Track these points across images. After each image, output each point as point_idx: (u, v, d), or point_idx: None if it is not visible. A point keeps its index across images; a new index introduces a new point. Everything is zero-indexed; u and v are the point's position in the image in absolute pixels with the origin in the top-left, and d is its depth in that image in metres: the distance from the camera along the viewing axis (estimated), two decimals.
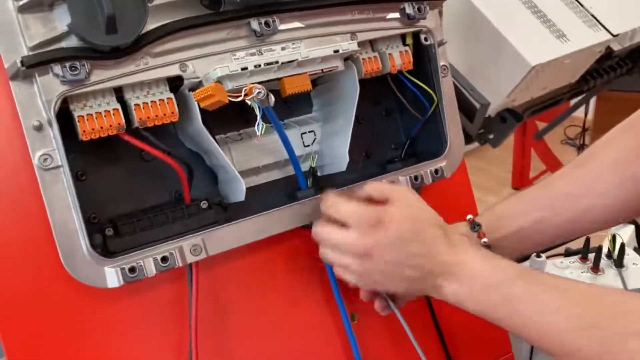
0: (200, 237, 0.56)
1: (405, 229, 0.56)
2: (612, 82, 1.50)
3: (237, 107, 0.54)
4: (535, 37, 1.23)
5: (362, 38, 0.61)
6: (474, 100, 1.47)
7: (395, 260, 0.56)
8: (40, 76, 0.48)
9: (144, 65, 0.52)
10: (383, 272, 0.57)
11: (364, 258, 0.56)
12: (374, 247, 0.55)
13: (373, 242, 0.55)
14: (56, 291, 0.54)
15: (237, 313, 0.63)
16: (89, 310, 0.56)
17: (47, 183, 0.50)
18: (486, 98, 1.43)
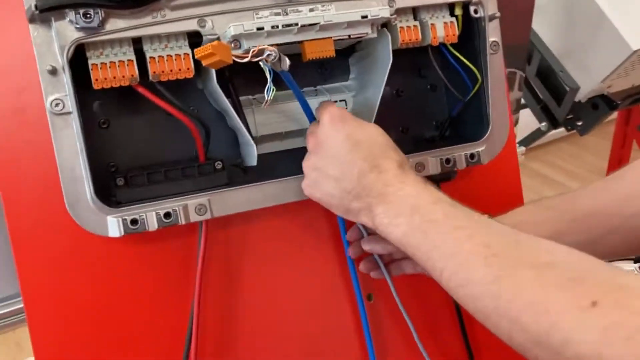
0: (207, 197, 0.55)
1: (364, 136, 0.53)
2: None
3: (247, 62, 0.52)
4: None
5: (401, 4, 0.57)
6: (563, 83, 1.36)
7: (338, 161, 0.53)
8: (56, 21, 0.49)
9: (161, 18, 0.51)
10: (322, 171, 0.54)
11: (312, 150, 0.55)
12: (323, 142, 0.53)
13: (323, 137, 0.54)
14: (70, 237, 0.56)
15: (246, 277, 0.63)
16: (100, 257, 0.58)
17: (57, 128, 0.51)
18: (577, 82, 1.33)
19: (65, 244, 0.56)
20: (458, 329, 0.70)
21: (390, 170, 0.51)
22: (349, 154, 0.52)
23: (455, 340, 0.70)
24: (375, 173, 0.51)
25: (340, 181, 0.52)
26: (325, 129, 0.53)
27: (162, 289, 0.60)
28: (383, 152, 0.52)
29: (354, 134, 0.52)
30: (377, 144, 0.53)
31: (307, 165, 0.55)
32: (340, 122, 0.53)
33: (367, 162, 0.51)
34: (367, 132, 0.53)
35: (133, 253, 0.59)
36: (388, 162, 0.51)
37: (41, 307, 0.56)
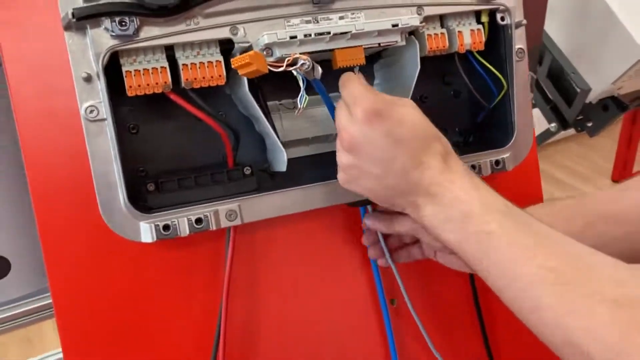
0: (237, 203, 0.56)
1: (402, 131, 0.49)
2: None
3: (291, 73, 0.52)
4: None
5: (429, 12, 0.57)
6: (574, 84, 1.37)
7: (381, 161, 0.50)
8: (92, 29, 0.49)
9: (195, 26, 0.51)
10: (363, 170, 0.51)
11: (349, 150, 0.51)
12: (360, 140, 0.50)
13: (359, 134, 0.50)
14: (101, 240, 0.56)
15: (271, 281, 0.63)
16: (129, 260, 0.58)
17: (92, 134, 0.51)
18: (588, 83, 1.33)
19: (94, 246, 0.57)
20: (479, 331, 0.70)
21: (435, 167, 0.49)
22: (390, 152, 0.49)
23: (476, 342, 0.71)
24: (419, 170, 0.49)
25: (383, 179, 0.50)
26: (362, 128, 0.50)
27: (189, 293, 0.61)
28: (426, 146, 0.50)
29: (393, 130, 0.49)
30: (418, 137, 0.50)
31: (344, 163, 0.52)
32: (376, 118, 0.49)
33: (411, 158, 0.49)
34: (406, 124, 0.50)
35: (160, 257, 0.59)
36: (432, 157, 0.49)
37: (70, 308, 0.57)
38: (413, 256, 0.63)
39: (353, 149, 0.50)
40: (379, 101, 0.50)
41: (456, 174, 0.49)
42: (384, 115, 0.49)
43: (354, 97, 0.51)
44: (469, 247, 0.47)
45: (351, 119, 0.50)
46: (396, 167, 0.49)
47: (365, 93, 0.51)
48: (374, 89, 0.52)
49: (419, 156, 0.49)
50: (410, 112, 0.51)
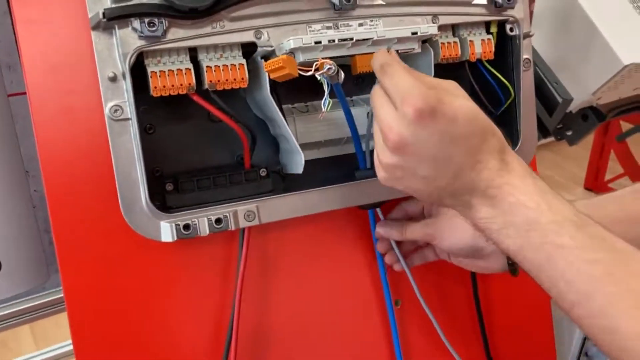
0: (255, 204, 0.57)
1: (457, 130, 0.45)
2: None
3: (308, 78, 0.53)
4: (633, 34, 1.16)
5: (443, 22, 0.59)
6: (556, 94, 1.41)
7: (432, 163, 0.46)
8: (119, 29, 0.49)
9: (220, 29, 0.52)
10: (410, 171, 0.48)
11: (395, 150, 0.47)
12: (409, 141, 0.46)
13: (410, 136, 0.45)
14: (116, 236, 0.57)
15: (282, 281, 0.64)
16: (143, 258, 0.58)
17: (115, 133, 0.51)
18: (570, 93, 1.37)
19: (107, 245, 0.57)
20: (479, 333, 0.72)
21: (493, 167, 0.46)
22: (443, 153, 0.46)
23: (476, 344, 0.73)
24: (475, 171, 0.46)
25: (432, 180, 0.47)
26: (413, 128, 0.45)
27: (201, 293, 0.61)
28: (482, 142, 0.46)
29: (447, 129, 0.45)
30: (475, 133, 0.46)
31: (388, 163, 0.48)
32: (430, 118, 0.45)
33: (466, 158, 0.46)
34: (461, 120, 0.45)
35: (175, 256, 0.60)
36: (489, 154, 0.46)
37: (83, 307, 0.57)
38: (426, 258, 0.64)
39: (401, 150, 0.46)
40: (431, 96, 0.45)
41: (516, 174, 0.46)
42: (437, 113, 0.45)
43: (402, 93, 0.46)
44: (533, 257, 0.44)
45: (399, 117, 0.46)
46: (450, 168, 0.46)
47: (414, 87, 0.46)
48: (419, 77, 0.48)
49: (475, 155, 0.46)
50: (463, 104, 0.46)
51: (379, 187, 0.62)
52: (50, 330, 1.56)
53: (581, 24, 1.28)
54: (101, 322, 0.58)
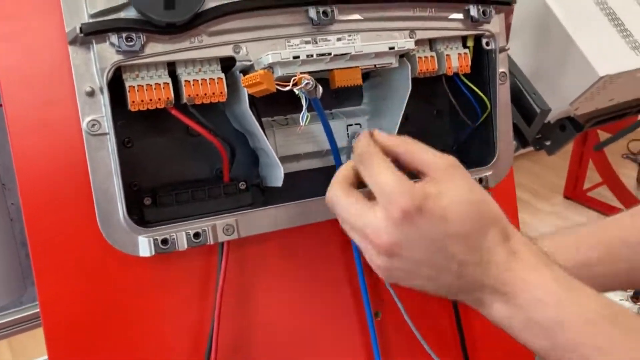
0: (234, 217, 0.57)
1: (451, 227, 0.42)
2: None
3: (287, 91, 0.54)
4: (608, 46, 1.19)
5: (421, 36, 0.60)
6: (534, 105, 1.43)
7: (430, 262, 0.43)
8: (97, 44, 0.49)
9: (199, 43, 0.52)
10: (410, 272, 0.44)
11: (388, 255, 0.43)
12: (402, 244, 0.42)
13: (401, 238, 0.42)
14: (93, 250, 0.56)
15: (262, 295, 0.64)
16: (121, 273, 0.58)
17: (93, 148, 0.51)
18: (548, 104, 1.39)
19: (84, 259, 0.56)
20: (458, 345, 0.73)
21: (499, 261, 0.42)
22: (440, 252, 0.42)
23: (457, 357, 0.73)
24: (481, 267, 0.42)
25: (436, 279, 0.44)
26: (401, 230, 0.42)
27: (179, 307, 0.61)
28: (482, 236, 0.42)
29: (440, 229, 0.42)
30: (472, 231, 0.42)
31: (382, 266, 0.45)
32: (418, 216, 0.42)
33: (467, 254, 0.42)
34: (454, 215, 0.42)
35: (153, 270, 0.59)
36: (492, 248, 0.42)
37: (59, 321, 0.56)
38: None
39: (393, 254, 0.43)
40: (418, 194, 0.42)
41: (527, 265, 0.42)
42: (425, 212, 0.42)
43: (386, 191, 0.43)
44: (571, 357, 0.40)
45: (385, 218, 0.43)
46: (452, 267, 0.42)
47: (399, 186, 0.43)
48: (403, 175, 0.44)
49: (477, 251, 0.42)
50: (454, 199, 0.43)
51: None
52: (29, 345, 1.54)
53: (558, 36, 1.30)
54: (78, 337, 0.57)
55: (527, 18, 1.27)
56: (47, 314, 0.56)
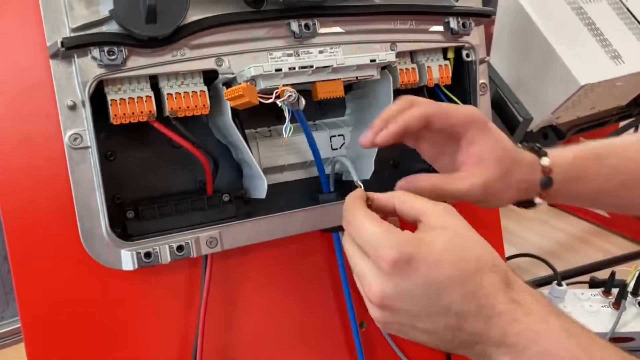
0: (217, 230, 0.57)
1: (444, 275, 0.40)
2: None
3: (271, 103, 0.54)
4: (588, 55, 1.20)
5: (402, 48, 0.60)
6: (517, 114, 1.44)
7: (426, 315, 0.41)
8: (78, 57, 0.49)
9: (181, 56, 0.52)
10: (407, 326, 0.42)
11: (381, 307, 0.42)
12: (393, 297, 0.41)
13: (392, 290, 0.40)
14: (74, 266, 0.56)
15: (246, 307, 0.64)
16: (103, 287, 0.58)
17: (75, 162, 0.51)
18: (530, 112, 1.41)
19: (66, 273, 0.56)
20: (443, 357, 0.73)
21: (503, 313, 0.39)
22: (437, 304, 0.40)
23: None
24: (482, 319, 0.39)
25: (434, 333, 0.41)
26: (392, 282, 0.40)
27: (165, 319, 0.61)
28: (479, 285, 0.40)
29: (433, 278, 0.40)
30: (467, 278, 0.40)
31: (379, 319, 0.43)
32: (408, 267, 0.40)
33: (465, 306, 0.40)
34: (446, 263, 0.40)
35: (137, 283, 0.59)
36: (493, 298, 0.40)
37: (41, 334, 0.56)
38: None
39: (387, 307, 0.41)
40: (405, 243, 0.40)
41: (535, 316, 0.39)
42: (415, 261, 0.40)
43: (373, 245, 0.41)
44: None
45: (375, 270, 0.41)
46: (450, 320, 0.40)
47: (384, 236, 0.41)
48: (390, 225, 0.42)
49: (475, 300, 0.40)
50: (445, 241, 0.41)
51: (342, 210, 0.62)
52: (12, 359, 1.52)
53: (539, 46, 1.32)
54: (60, 353, 0.56)
55: (509, 28, 1.29)
56: (28, 329, 0.55)
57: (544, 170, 0.55)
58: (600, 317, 0.81)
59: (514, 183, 0.54)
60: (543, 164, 0.55)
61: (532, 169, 0.55)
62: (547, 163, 0.55)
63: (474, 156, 0.52)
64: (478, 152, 0.52)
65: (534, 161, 0.55)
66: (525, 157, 0.55)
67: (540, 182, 0.55)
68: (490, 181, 0.51)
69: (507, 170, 0.53)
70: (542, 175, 0.55)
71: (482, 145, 0.52)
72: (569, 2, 1.25)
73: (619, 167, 0.57)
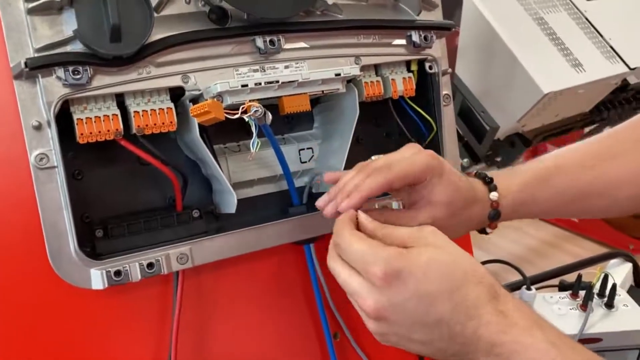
0: (188, 246, 0.57)
1: (432, 287, 0.42)
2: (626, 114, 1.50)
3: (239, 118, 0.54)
4: (550, 64, 1.23)
5: (366, 62, 0.62)
6: (484, 123, 1.47)
7: (420, 326, 0.43)
8: (43, 77, 0.49)
9: (147, 74, 0.53)
10: (403, 337, 0.45)
11: (377, 319, 0.44)
12: (388, 308, 0.43)
13: (385, 303, 0.43)
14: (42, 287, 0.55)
15: (220, 322, 0.64)
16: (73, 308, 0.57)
17: (41, 182, 0.51)
18: (496, 121, 1.44)
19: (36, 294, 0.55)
20: None
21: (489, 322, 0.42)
22: (427, 316, 0.42)
23: None
24: (471, 329, 0.42)
25: (430, 343, 0.44)
26: (384, 295, 0.43)
27: (137, 337, 0.60)
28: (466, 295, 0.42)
29: (421, 288, 0.42)
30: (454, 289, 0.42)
31: (376, 331, 0.46)
32: (398, 281, 0.43)
33: (455, 316, 0.42)
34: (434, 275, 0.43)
35: (108, 302, 0.59)
36: (480, 309, 0.42)
37: (8, 357, 0.55)
38: None
39: (381, 318, 0.44)
40: (393, 257, 0.43)
41: (519, 328, 0.41)
42: (404, 274, 0.43)
43: (363, 263, 0.44)
44: None
45: (368, 286, 0.44)
46: (443, 330, 0.42)
47: (372, 253, 0.44)
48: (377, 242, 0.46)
49: (464, 311, 0.42)
50: (432, 256, 0.44)
51: (312, 222, 0.63)
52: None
53: (503, 56, 1.35)
54: None
55: (474, 40, 1.32)
56: None
57: (492, 204, 0.58)
58: (569, 320, 0.82)
59: (463, 221, 0.57)
60: (492, 199, 0.58)
61: (484, 206, 0.58)
62: (495, 198, 0.58)
63: (425, 198, 0.55)
64: (430, 195, 0.54)
65: (482, 197, 0.58)
66: (477, 196, 0.58)
67: (489, 215, 0.58)
68: (438, 220, 0.53)
69: (457, 211, 0.56)
70: (490, 209, 0.58)
71: (436, 188, 0.54)
72: (531, 13, 1.28)
73: (566, 187, 0.60)
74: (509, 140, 1.50)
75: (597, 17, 1.30)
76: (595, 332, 0.81)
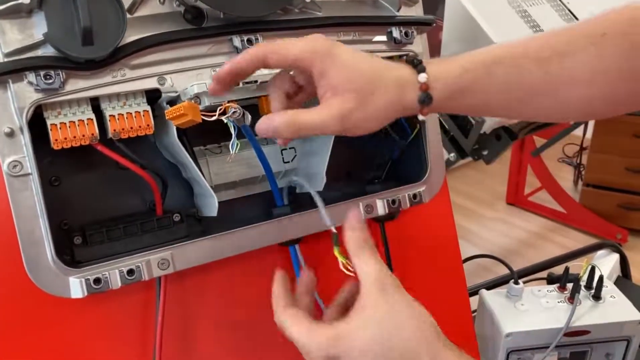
0: (169, 251, 0.56)
1: None
2: None
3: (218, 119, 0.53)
4: None
5: None
6: (469, 116, 1.47)
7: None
8: (14, 83, 0.48)
9: (121, 77, 0.52)
10: None
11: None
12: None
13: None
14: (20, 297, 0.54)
15: (204, 327, 0.63)
16: (53, 318, 0.56)
17: (15, 190, 0.50)
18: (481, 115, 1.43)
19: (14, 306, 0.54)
20: None
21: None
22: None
23: None
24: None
25: None
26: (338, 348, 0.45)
27: (120, 344, 0.59)
28: None
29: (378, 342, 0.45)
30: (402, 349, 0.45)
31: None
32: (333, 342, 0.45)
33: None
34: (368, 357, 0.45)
35: (90, 310, 0.58)
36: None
37: None
38: None
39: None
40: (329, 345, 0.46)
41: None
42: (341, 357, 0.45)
43: (302, 348, 0.48)
44: None
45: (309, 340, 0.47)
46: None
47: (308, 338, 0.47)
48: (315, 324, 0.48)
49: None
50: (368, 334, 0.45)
51: (297, 223, 0.62)
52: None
53: None
54: None
55: (457, 33, 1.31)
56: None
57: (422, 87, 0.52)
58: (557, 313, 0.82)
59: (379, 108, 0.51)
60: (420, 81, 0.52)
61: (403, 90, 0.52)
62: (424, 79, 0.52)
63: (328, 88, 0.50)
64: (330, 84, 0.50)
65: (408, 80, 0.52)
66: (391, 79, 0.52)
67: (419, 99, 0.52)
68: (346, 111, 0.50)
69: (367, 96, 0.50)
70: (419, 92, 0.52)
71: (333, 75, 0.50)
72: (514, 6, 1.28)
73: (510, 82, 0.53)
74: (495, 134, 1.50)
75: (580, 8, 1.30)
76: (582, 325, 0.81)
